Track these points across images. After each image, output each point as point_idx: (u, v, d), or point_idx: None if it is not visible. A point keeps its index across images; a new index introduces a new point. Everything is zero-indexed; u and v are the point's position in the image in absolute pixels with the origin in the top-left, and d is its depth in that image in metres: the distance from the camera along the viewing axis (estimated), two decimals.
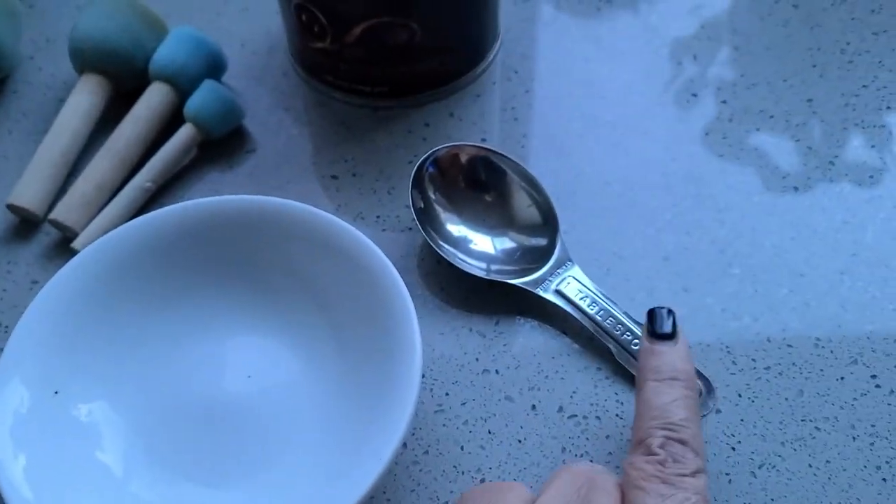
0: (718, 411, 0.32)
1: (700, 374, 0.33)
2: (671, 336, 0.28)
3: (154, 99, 0.41)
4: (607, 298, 0.34)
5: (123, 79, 0.42)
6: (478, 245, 0.36)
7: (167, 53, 0.41)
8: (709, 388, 0.33)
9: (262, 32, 0.47)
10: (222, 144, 0.42)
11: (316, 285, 0.33)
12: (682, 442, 0.25)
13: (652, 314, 0.29)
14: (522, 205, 0.37)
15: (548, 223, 0.36)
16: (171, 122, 0.41)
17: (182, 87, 0.41)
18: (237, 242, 0.34)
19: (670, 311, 0.29)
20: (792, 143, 0.41)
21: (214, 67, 0.42)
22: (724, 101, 0.43)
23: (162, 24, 0.43)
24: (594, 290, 0.34)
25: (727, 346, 0.34)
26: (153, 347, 0.33)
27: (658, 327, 0.28)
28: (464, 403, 0.33)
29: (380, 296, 0.31)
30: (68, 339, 0.31)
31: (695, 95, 0.43)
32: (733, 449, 0.32)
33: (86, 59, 0.41)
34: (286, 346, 0.33)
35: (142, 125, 0.40)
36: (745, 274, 0.36)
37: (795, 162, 0.40)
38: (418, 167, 0.37)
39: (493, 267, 0.35)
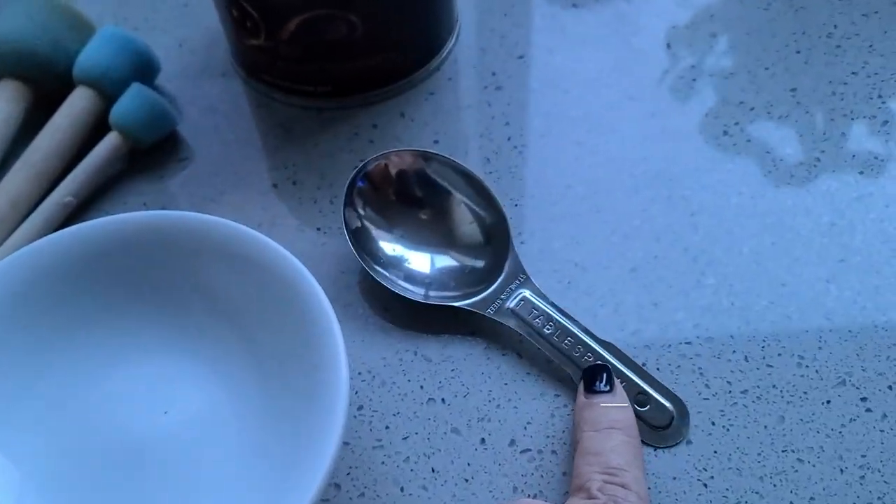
0: (689, 442, 0.29)
1: (672, 396, 0.30)
2: (609, 391, 0.28)
3: (77, 105, 0.37)
4: (565, 316, 0.31)
5: (44, 84, 0.38)
6: (416, 265, 0.33)
7: (91, 55, 0.38)
8: (682, 411, 0.29)
9: (202, 30, 0.44)
10: (153, 153, 0.38)
11: (237, 309, 0.30)
12: (622, 486, 0.25)
13: (588, 376, 0.29)
14: (467, 217, 0.33)
15: (497, 235, 0.33)
16: (96, 130, 0.38)
17: (107, 92, 0.38)
18: (150, 263, 0.30)
19: (608, 372, 0.28)
20: (774, 137, 0.37)
21: (144, 69, 0.39)
22: (699, 93, 0.39)
23: (87, 23, 0.39)
24: (550, 308, 0.31)
25: (700, 368, 0.31)
26: (56, 382, 0.30)
27: (596, 387, 0.28)
28: (405, 437, 0.30)
29: (304, 321, 0.28)
30: None
31: (668, 88, 0.40)
32: (705, 485, 0.28)
33: (2, 64, 0.38)
34: (206, 379, 0.30)
35: (62, 134, 0.37)
36: (720, 284, 0.33)
37: (777, 158, 0.37)
38: (350, 183, 0.33)
39: (432, 293, 0.32)
